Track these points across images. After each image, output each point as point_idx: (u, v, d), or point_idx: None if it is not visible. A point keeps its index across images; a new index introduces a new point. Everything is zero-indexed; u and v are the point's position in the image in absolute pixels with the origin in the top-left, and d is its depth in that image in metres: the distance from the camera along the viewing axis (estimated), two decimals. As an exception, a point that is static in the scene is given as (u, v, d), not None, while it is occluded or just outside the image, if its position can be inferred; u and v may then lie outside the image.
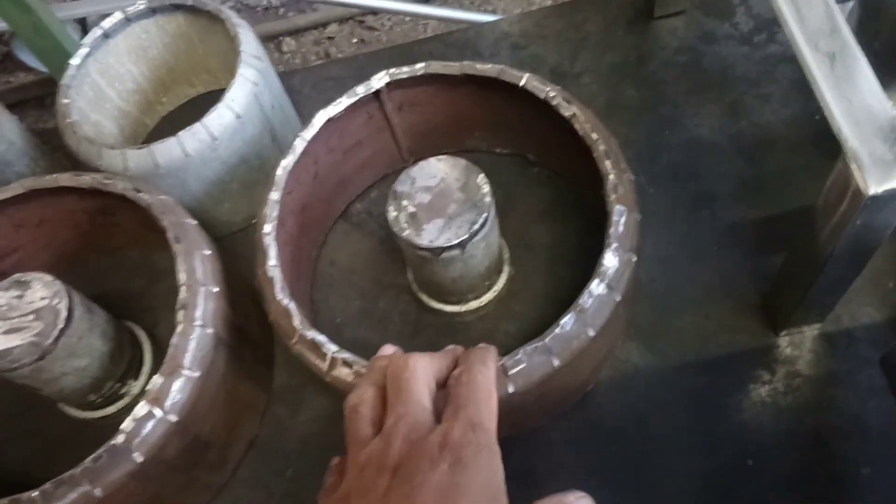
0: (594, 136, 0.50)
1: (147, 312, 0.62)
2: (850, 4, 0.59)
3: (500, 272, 0.57)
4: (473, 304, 0.56)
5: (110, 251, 0.64)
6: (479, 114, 0.60)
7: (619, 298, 0.46)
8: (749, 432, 0.51)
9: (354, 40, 1.71)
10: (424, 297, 0.57)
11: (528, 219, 0.61)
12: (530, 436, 0.54)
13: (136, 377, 0.57)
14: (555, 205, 0.61)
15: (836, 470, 0.49)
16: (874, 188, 0.37)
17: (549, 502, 0.35)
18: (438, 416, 0.35)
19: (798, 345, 0.54)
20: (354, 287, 0.61)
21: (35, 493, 0.44)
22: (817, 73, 0.41)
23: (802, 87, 0.63)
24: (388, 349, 0.41)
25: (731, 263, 0.57)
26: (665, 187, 0.61)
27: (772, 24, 0.67)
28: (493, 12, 1.69)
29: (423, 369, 0.36)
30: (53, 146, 0.66)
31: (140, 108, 0.69)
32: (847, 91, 0.40)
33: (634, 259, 0.47)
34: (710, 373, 0.54)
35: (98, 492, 0.44)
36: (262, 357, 0.57)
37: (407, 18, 1.71)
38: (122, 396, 0.57)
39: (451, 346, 0.41)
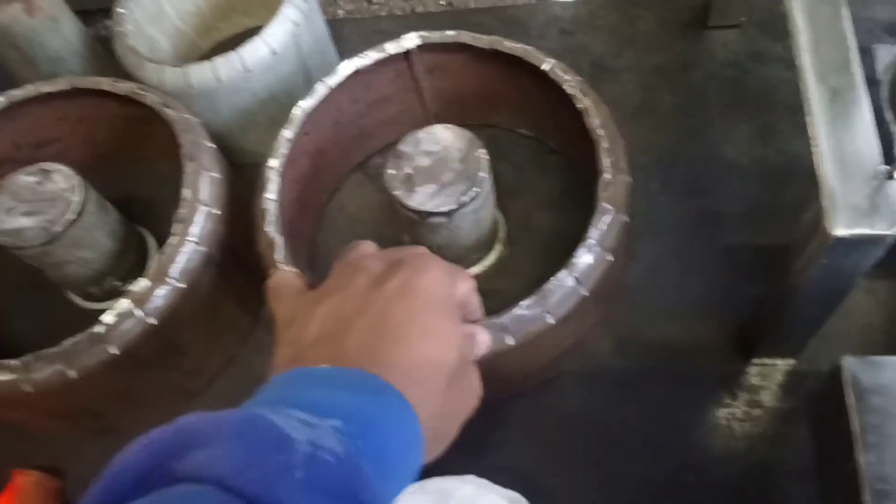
0: (600, 132, 0.51)
1: (164, 222, 0.65)
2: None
3: (490, 248, 0.58)
4: (459, 274, 0.57)
5: (143, 159, 0.68)
6: (506, 91, 0.60)
7: (585, 293, 0.47)
8: (697, 449, 0.52)
9: (442, 2, 1.71)
10: (415, 258, 0.59)
11: (535, 203, 0.62)
12: (485, 409, 0.55)
13: (137, 278, 0.61)
14: (564, 194, 0.62)
15: (772, 504, 0.50)
16: (841, 231, 0.37)
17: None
18: None
19: (766, 376, 0.53)
20: (356, 236, 0.62)
21: (15, 362, 0.48)
22: (815, 105, 0.40)
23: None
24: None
25: (723, 284, 0.57)
26: (676, 197, 0.61)
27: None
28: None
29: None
30: (110, 53, 0.70)
31: (196, 30, 0.72)
32: (840, 130, 0.39)
33: (610, 259, 0.48)
34: (674, 385, 0.54)
35: (72, 373, 0.48)
36: (255, 283, 0.60)
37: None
38: (121, 293, 0.60)
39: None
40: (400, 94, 0.62)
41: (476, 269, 0.58)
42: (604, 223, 0.48)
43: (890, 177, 0.38)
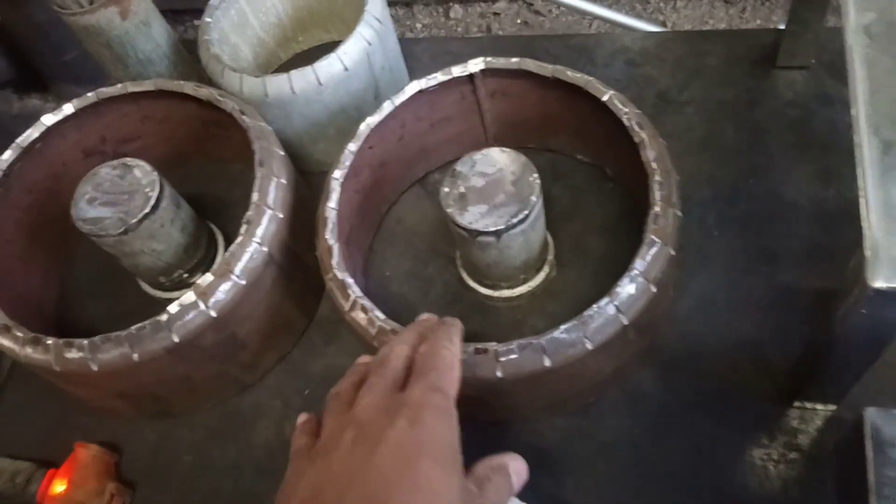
0: (654, 165, 0.52)
1: (234, 220, 0.69)
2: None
3: (538, 270, 0.59)
4: (506, 293, 0.59)
5: (219, 159, 0.72)
6: (566, 118, 0.62)
7: (626, 322, 0.48)
8: (731, 487, 0.52)
9: (518, 21, 1.73)
10: (464, 274, 0.61)
11: (588, 228, 0.63)
12: (525, 427, 0.57)
13: (204, 272, 0.65)
14: (619, 222, 0.63)
15: (804, 549, 0.49)
16: (881, 283, 0.37)
17: (493, 461, 0.39)
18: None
19: (807, 420, 0.53)
20: (411, 248, 0.65)
21: (85, 342, 0.52)
22: (867, 156, 0.40)
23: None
24: (424, 315, 0.47)
25: (774, 324, 0.57)
26: (732, 233, 0.61)
27: None
28: (663, 24, 1.66)
29: (407, 354, 0.41)
30: (196, 57, 0.74)
31: (277, 41, 0.76)
32: (889, 183, 0.40)
33: (654, 290, 0.48)
34: (714, 420, 0.54)
35: (136, 356, 0.51)
36: (313, 286, 0.63)
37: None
38: (189, 285, 0.64)
39: (424, 316, 0.45)
40: (462, 115, 0.64)
41: (523, 289, 0.59)
42: (650, 255, 0.49)
43: (938, 232, 0.38)
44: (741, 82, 0.69)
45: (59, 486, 0.56)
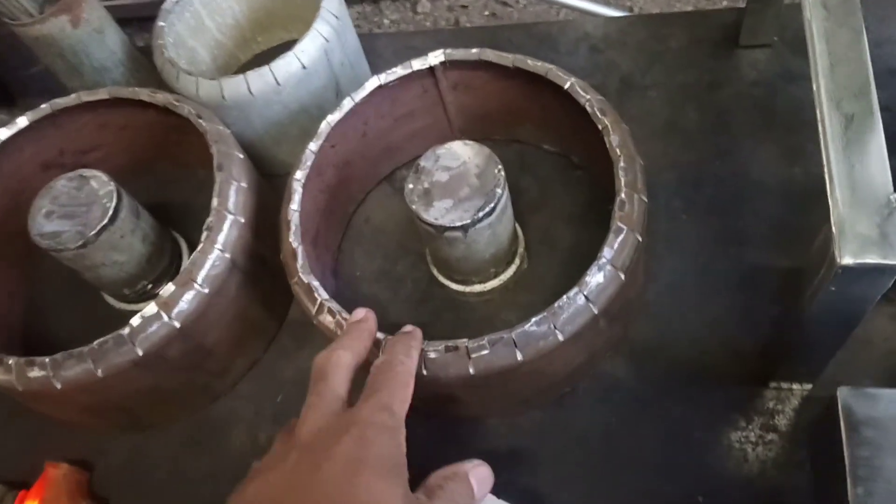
0: (618, 151, 0.51)
1: (199, 227, 0.68)
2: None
3: (509, 263, 0.58)
4: (477, 288, 0.58)
5: (182, 166, 0.70)
6: (530, 107, 0.61)
7: (596, 312, 0.47)
8: (709, 471, 0.52)
9: (486, 13, 1.73)
10: (435, 271, 0.60)
11: (557, 218, 0.62)
12: (500, 422, 0.56)
13: (169, 282, 0.63)
14: (587, 210, 0.62)
15: (784, 530, 0.49)
16: (848, 259, 0.37)
17: (447, 470, 0.38)
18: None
19: (783, 400, 0.53)
20: (380, 246, 0.64)
21: (47, 359, 0.50)
22: (829, 131, 0.40)
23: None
24: (360, 313, 0.46)
25: (744, 306, 0.57)
26: (699, 217, 0.61)
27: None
28: (630, 10, 1.66)
29: (343, 361, 0.41)
30: (153, 63, 0.73)
31: (235, 42, 0.75)
32: (853, 157, 0.39)
33: (623, 278, 0.48)
34: (689, 405, 0.54)
35: (100, 372, 0.50)
36: (281, 290, 0.62)
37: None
38: (154, 296, 0.62)
39: (365, 323, 0.44)
40: (426, 109, 0.63)
41: (495, 283, 0.58)
42: (617, 242, 0.48)
43: (901, 205, 0.37)
44: (704, 64, 0.68)
45: (30, 507, 0.55)
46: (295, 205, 0.54)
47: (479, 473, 0.40)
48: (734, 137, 0.64)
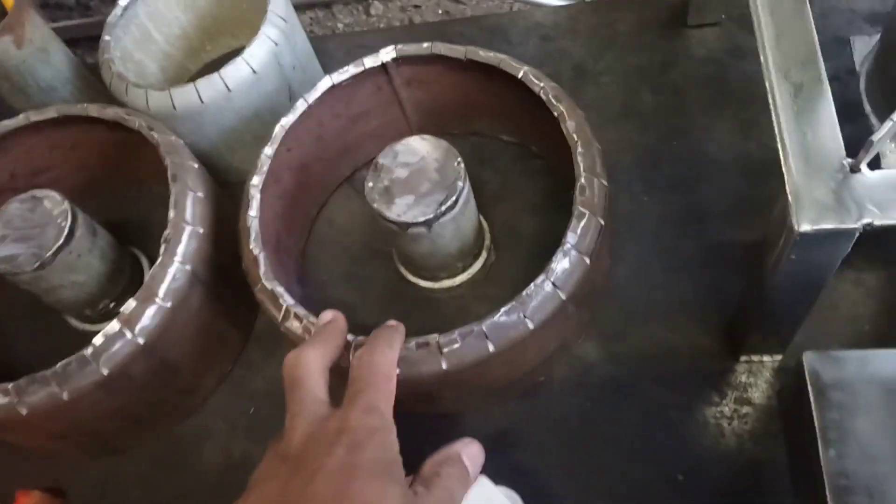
0: (575, 137, 0.51)
1: (157, 243, 0.66)
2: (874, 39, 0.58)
3: (476, 256, 0.58)
4: (446, 283, 0.58)
5: (137, 182, 0.69)
6: (485, 99, 0.61)
7: (564, 297, 0.47)
8: (687, 448, 0.52)
9: (440, 11, 1.72)
10: (403, 270, 0.60)
11: (520, 208, 0.62)
12: (477, 415, 0.56)
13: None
14: (549, 198, 0.62)
15: (764, 502, 0.50)
16: (805, 226, 0.37)
17: (440, 454, 0.38)
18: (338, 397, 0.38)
19: (755, 373, 0.53)
20: (346, 249, 0.64)
21: (10, 385, 0.49)
22: (779, 101, 0.41)
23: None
24: (327, 315, 0.45)
25: (710, 282, 0.57)
26: (659, 197, 0.61)
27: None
28: (580, -1, 1.67)
29: (315, 362, 0.40)
30: (101, 80, 0.71)
31: (184, 53, 0.74)
32: (804, 125, 0.40)
33: (588, 262, 0.48)
34: (663, 385, 0.54)
35: (65, 395, 0.49)
36: (245, 301, 0.61)
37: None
38: (117, 314, 0.61)
39: (333, 323, 0.44)
40: (381, 107, 0.62)
41: (463, 277, 0.58)
42: (580, 227, 0.48)
43: (855, 170, 0.38)
44: (654, 46, 0.69)
45: (1, 540, 0.53)
46: (253, 211, 0.53)
47: (470, 452, 0.39)
48: (689, 116, 0.64)
